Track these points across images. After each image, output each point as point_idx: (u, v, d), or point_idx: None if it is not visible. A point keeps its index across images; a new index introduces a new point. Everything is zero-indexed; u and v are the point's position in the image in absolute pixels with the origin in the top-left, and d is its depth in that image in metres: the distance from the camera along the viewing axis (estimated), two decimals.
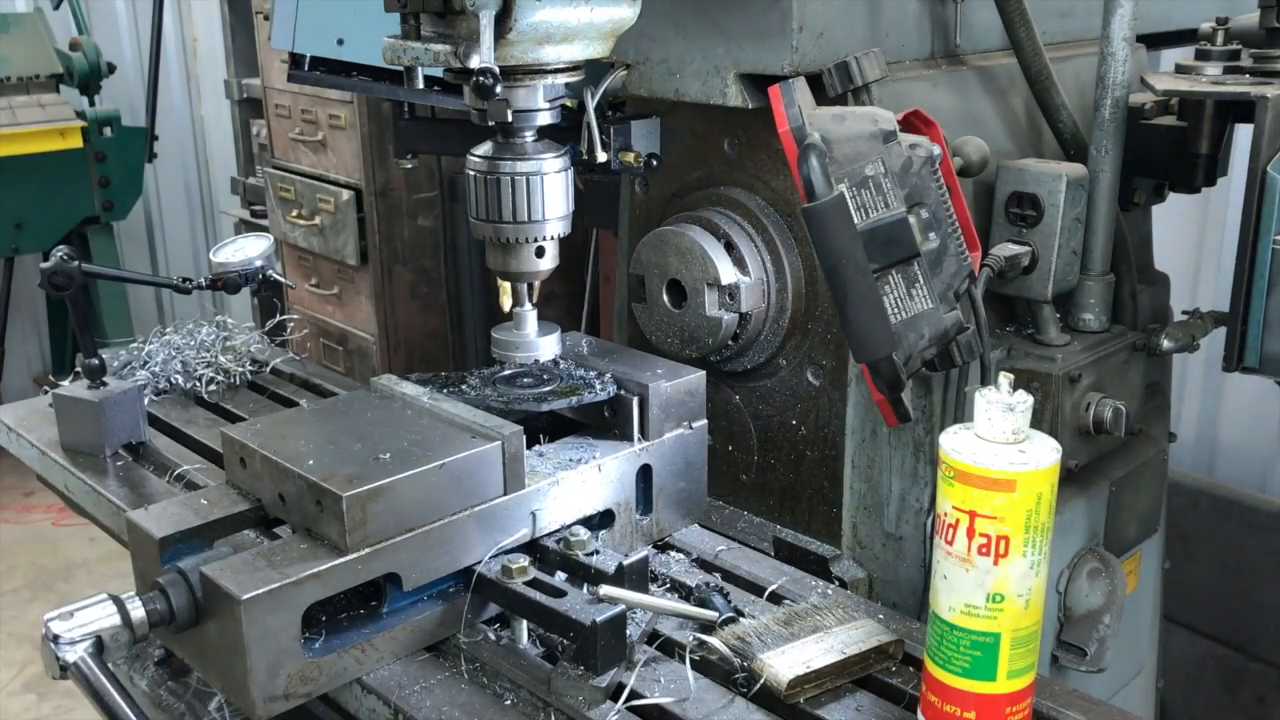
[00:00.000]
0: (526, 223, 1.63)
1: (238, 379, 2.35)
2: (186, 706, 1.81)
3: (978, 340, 1.70)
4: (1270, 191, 1.72)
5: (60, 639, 1.34)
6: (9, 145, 5.23)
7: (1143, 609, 2.35)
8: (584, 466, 1.69)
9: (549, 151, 1.63)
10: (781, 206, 1.87)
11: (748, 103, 1.78)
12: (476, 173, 1.64)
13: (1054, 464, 1.27)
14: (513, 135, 1.62)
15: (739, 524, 1.97)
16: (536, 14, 1.41)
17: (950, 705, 1.34)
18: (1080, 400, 1.96)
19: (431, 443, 1.56)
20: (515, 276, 1.70)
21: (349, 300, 3.98)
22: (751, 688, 1.45)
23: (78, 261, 2.02)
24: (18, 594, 5.03)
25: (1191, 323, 2.15)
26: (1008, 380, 1.29)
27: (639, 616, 1.55)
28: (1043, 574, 1.31)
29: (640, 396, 1.75)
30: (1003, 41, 2.00)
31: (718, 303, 1.87)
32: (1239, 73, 1.92)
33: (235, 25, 4.99)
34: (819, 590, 1.71)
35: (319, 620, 1.48)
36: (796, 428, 1.92)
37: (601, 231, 3.49)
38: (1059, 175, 1.90)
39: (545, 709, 1.43)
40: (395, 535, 1.47)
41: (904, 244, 1.56)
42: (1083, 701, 1.46)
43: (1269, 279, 1.74)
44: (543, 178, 1.62)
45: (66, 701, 4.28)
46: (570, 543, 1.60)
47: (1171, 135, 2.03)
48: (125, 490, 1.94)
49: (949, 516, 1.29)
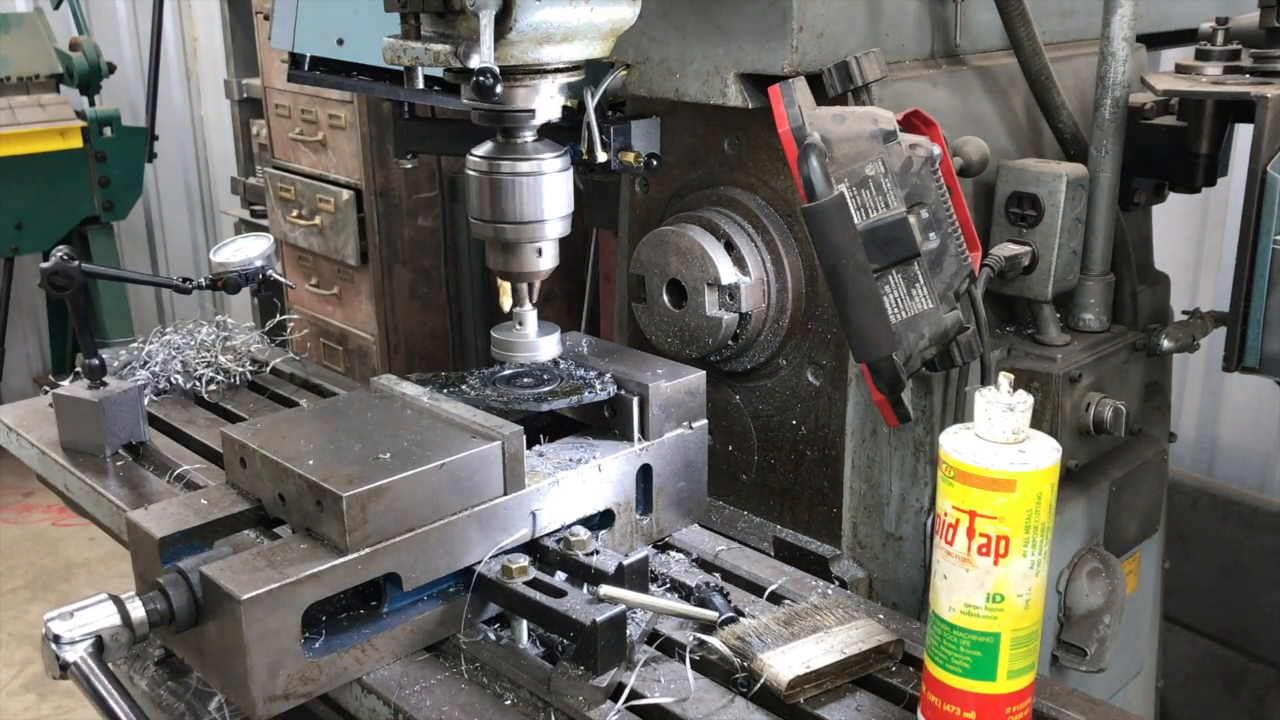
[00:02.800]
0: (527, 223, 1.63)
1: (238, 379, 2.35)
2: (186, 706, 1.81)
3: (978, 340, 1.70)
4: (1270, 191, 1.72)
5: (60, 639, 1.34)
6: (9, 145, 5.24)
7: (1143, 609, 2.35)
8: (584, 466, 1.69)
9: (549, 151, 1.63)
10: (781, 206, 1.87)
11: (748, 103, 1.78)
12: (477, 173, 1.64)
13: (1054, 464, 1.27)
14: (512, 135, 1.62)
15: (739, 524, 1.97)
16: (536, 14, 1.41)
17: (950, 705, 1.34)
18: (1080, 400, 1.96)
19: (431, 443, 1.56)
20: (516, 277, 1.70)
21: (349, 300, 3.99)
22: (751, 688, 1.45)
23: (78, 261, 2.02)
24: (18, 594, 5.03)
25: (1191, 323, 2.15)
26: (1008, 380, 1.29)
27: (639, 616, 1.55)
28: (1043, 574, 1.31)
29: (640, 396, 1.75)
30: (1003, 41, 2.00)
31: (718, 303, 1.87)
32: (1239, 73, 1.92)
33: (235, 25, 5.00)
34: (819, 590, 1.71)
35: (319, 620, 1.48)
36: (796, 428, 1.92)
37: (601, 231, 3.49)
38: (1059, 175, 1.90)
39: (545, 709, 1.43)
40: (395, 535, 1.47)
41: (904, 244, 1.56)
42: (1083, 701, 1.46)
43: (1269, 279, 1.74)
44: (543, 178, 1.62)
45: (66, 701, 4.28)
46: (570, 543, 1.60)
47: (1171, 135, 2.04)
48: (125, 490, 1.94)
49: (949, 516, 1.29)
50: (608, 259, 3.57)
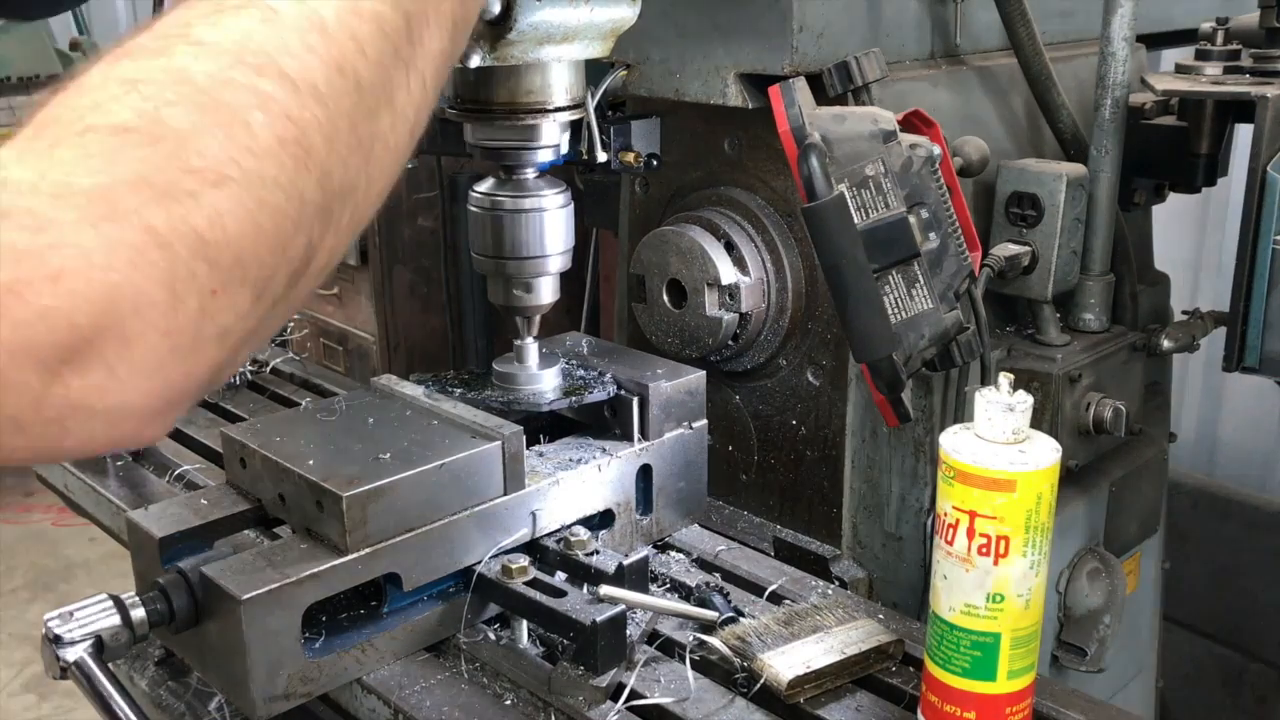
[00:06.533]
0: (530, 259, 1.66)
1: (238, 379, 2.35)
2: (186, 706, 1.80)
3: (978, 340, 1.70)
4: (1270, 191, 1.72)
5: (60, 639, 1.34)
6: None
7: (1143, 609, 2.35)
8: (584, 466, 1.69)
9: (550, 188, 1.66)
10: (781, 206, 1.87)
11: (748, 103, 1.78)
12: (479, 209, 1.66)
13: (1054, 464, 1.27)
14: (514, 171, 1.65)
15: (739, 524, 1.97)
16: (536, 14, 1.41)
17: (950, 705, 1.34)
18: (1080, 400, 1.97)
19: (431, 443, 1.56)
20: (517, 311, 1.72)
21: (349, 300, 3.99)
22: (751, 688, 1.45)
23: None
24: (17, 594, 5.03)
25: (1191, 323, 2.15)
26: (1008, 380, 1.29)
27: (639, 616, 1.55)
28: (1043, 574, 1.31)
29: (640, 396, 1.75)
30: (1003, 41, 2.00)
31: (718, 303, 1.87)
32: (1239, 73, 1.92)
33: None
34: (819, 590, 1.71)
35: (319, 620, 1.48)
36: (796, 428, 1.92)
37: (602, 231, 3.48)
38: (1059, 175, 1.90)
39: (545, 709, 1.43)
40: (395, 535, 1.47)
41: (904, 244, 1.56)
42: (1083, 701, 1.46)
43: (1269, 279, 1.74)
44: (544, 214, 1.65)
45: (66, 701, 4.28)
46: (570, 543, 1.60)
47: (1171, 135, 2.03)
48: (125, 490, 1.94)
49: (949, 516, 1.29)
50: (608, 259, 3.57)
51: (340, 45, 0.91)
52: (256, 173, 0.83)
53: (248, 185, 0.82)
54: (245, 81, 0.84)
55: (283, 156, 0.85)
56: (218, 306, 0.82)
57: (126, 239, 0.76)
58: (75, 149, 0.77)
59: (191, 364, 0.82)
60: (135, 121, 0.79)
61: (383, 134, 0.96)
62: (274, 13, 0.88)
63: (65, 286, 0.73)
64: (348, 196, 0.93)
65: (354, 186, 0.94)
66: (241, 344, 0.87)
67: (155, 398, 0.81)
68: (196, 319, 0.81)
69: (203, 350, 0.83)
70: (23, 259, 0.72)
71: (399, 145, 0.99)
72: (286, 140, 0.86)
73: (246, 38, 0.86)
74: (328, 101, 0.89)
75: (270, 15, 0.88)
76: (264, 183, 0.83)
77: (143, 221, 0.77)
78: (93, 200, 0.75)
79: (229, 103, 0.83)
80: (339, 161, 0.91)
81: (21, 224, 0.73)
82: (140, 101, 0.80)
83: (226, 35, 0.86)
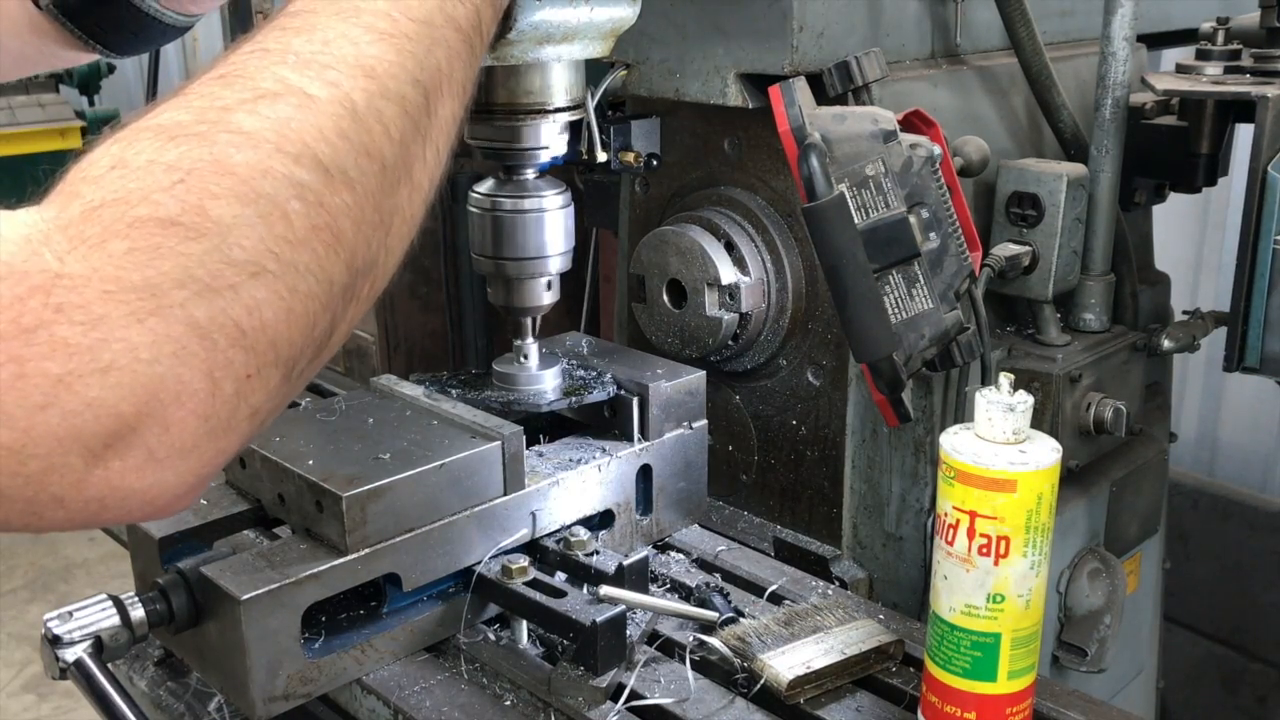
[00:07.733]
0: (530, 259, 1.66)
1: None
2: (186, 706, 1.80)
3: (978, 340, 1.70)
4: (1270, 191, 1.72)
5: (60, 639, 1.34)
6: (8, 145, 5.24)
7: (1143, 609, 2.35)
8: (584, 466, 1.69)
9: (551, 189, 1.66)
10: (781, 206, 1.87)
11: (748, 103, 1.78)
12: (479, 210, 1.66)
13: (1054, 464, 1.27)
14: (515, 172, 1.65)
15: (739, 524, 1.97)
16: (536, 14, 1.41)
17: (950, 706, 1.34)
18: (1080, 400, 1.96)
19: (431, 443, 1.56)
20: (518, 312, 1.72)
21: None
22: (751, 688, 1.44)
23: None
24: (17, 594, 5.03)
25: (1192, 323, 2.15)
26: (1008, 380, 1.29)
27: (639, 616, 1.55)
28: (1043, 574, 1.31)
29: (640, 396, 1.75)
30: (1003, 41, 2.00)
31: (718, 303, 1.87)
32: (1239, 73, 1.92)
33: (235, 25, 4.99)
34: (819, 590, 1.71)
35: (319, 620, 1.48)
36: (796, 428, 1.92)
37: (602, 231, 3.48)
38: (1059, 175, 1.90)
39: (545, 709, 1.43)
40: (395, 535, 1.47)
41: (904, 244, 1.56)
42: (1083, 702, 1.46)
43: (1269, 279, 1.74)
44: (544, 215, 1.65)
45: (66, 701, 4.28)
46: (570, 543, 1.60)
47: (1172, 135, 2.03)
48: None
49: (949, 517, 1.29)
50: (608, 259, 3.56)
51: (369, 129, 0.94)
52: (291, 262, 0.87)
53: (283, 275, 0.87)
54: (284, 171, 0.88)
55: (315, 244, 0.89)
56: (251, 388, 0.87)
57: (171, 333, 0.81)
58: (125, 242, 0.81)
59: (225, 442, 0.88)
60: (181, 215, 0.83)
61: (401, 207, 1.00)
62: (309, 99, 0.91)
63: (113, 379, 0.79)
64: (369, 271, 0.98)
65: (375, 262, 0.98)
66: (269, 416, 0.92)
67: (190, 475, 0.87)
68: (232, 402, 0.86)
69: (236, 429, 0.88)
70: (75, 354, 0.77)
71: (415, 215, 1.03)
72: (319, 228, 0.90)
73: (285, 126, 0.89)
74: (356, 186, 0.93)
75: (306, 102, 0.91)
76: (298, 271, 0.88)
77: (186, 315, 0.81)
78: (141, 296, 0.80)
79: (269, 194, 0.87)
80: (364, 241, 0.95)
81: (75, 320, 0.78)
82: (186, 194, 0.84)
83: (266, 124, 0.89)
